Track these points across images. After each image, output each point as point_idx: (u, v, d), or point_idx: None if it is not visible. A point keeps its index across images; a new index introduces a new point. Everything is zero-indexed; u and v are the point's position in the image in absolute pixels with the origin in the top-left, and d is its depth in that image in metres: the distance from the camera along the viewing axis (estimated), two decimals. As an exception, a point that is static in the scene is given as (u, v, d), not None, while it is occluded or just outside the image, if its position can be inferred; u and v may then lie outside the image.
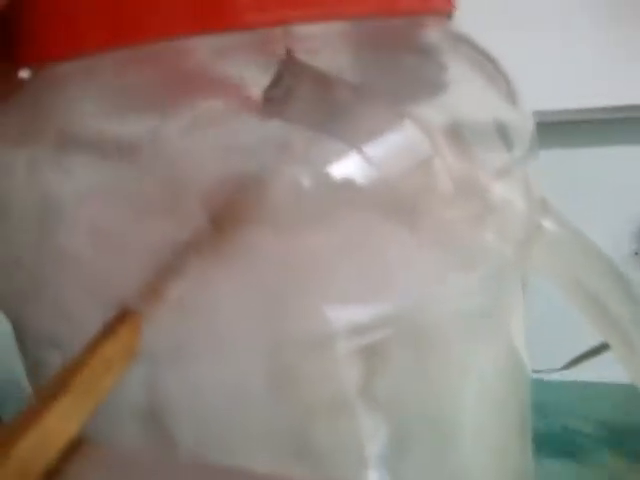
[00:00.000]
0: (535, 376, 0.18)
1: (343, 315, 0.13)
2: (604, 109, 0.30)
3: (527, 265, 0.16)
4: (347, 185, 0.13)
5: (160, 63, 0.14)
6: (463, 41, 0.16)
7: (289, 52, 0.14)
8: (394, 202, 0.14)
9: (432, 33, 0.16)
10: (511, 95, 0.16)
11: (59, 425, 0.10)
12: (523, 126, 0.16)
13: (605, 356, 0.20)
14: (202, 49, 0.14)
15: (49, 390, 0.10)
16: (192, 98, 0.14)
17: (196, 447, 0.13)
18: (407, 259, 0.14)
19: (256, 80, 0.14)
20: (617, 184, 0.33)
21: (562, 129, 0.31)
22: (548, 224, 0.15)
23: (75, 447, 0.10)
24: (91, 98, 0.14)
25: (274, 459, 0.13)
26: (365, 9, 0.13)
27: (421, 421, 0.15)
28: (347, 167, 0.13)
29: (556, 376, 0.28)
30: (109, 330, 0.12)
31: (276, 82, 0.14)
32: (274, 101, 0.14)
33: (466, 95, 0.15)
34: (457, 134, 0.15)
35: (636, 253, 0.34)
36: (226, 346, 0.13)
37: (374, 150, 0.13)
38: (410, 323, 0.14)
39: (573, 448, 0.29)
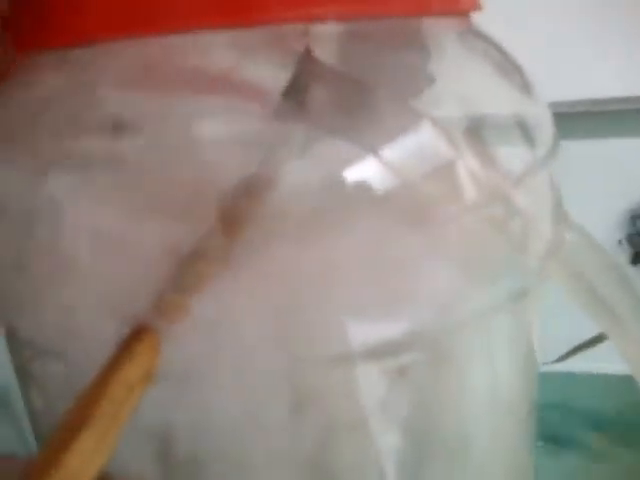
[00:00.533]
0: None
1: (364, 332, 0.13)
2: (594, 101, 0.30)
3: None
4: (364, 190, 0.13)
5: (170, 59, 0.13)
6: (480, 37, 0.15)
7: (308, 51, 0.13)
8: (415, 209, 0.13)
9: (450, 30, 0.15)
10: (528, 90, 0.15)
11: (83, 466, 0.09)
12: (544, 122, 0.15)
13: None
14: (218, 45, 0.13)
15: (69, 426, 0.10)
16: (208, 95, 0.13)
17: (211, 470, 0.12)
18: (430, 270, 0.13)
19: (274, 79, 0.13)
20: (605, 174, 0.33)
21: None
22: (570, 235, 0.15)
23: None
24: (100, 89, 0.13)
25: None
26: (397, 9, 0.13)
27: (439, 436, 0.14)
28: (364, 171, 0.13)
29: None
30: (126, 350, 0.11)
31: (294, 82, 0.13)
32: (291, 101, 0.13)
33: (484, 92, 0.15)
34: (477, 134, 0.14)
35: (620, 242, 0.34)
36: (243, 366, 0.12)
37: (392, 153, 0.13)
38: (432, 339, 0.13)
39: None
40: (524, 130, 0.15)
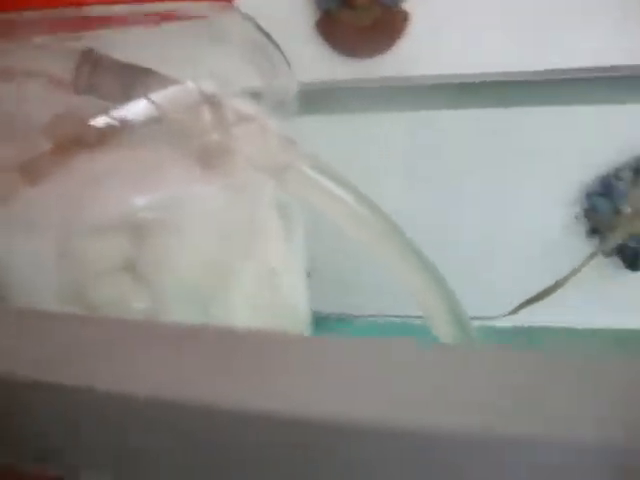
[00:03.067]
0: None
1: (119, 206, 0.20)
2: (558, 70, 0.32)
3: (285, 195, 0.21)
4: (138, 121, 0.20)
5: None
6: (249, 20, 0.21)
7: (89, 49, 0.21)
8: (172, 133, 0.21)
9: (223, 15, 0.21)
10: (277, 67, 0.21)
11: None
12: (279, 92, 0.21)
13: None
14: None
15: None
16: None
17: (13, 296, 0.20)
18: (170, 168, 0.20)
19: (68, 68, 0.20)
20: (561, 147, 0.35)
21: (510, 88, 0.34)
22: (299, 164, 0.21)
23: None
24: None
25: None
26: None
27: (181, 291, 0.21)
28: (138, 109, 0.20)
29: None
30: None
31: (81, 70, 0.21)
32: (83, 81, 0.21)
33: (235, 66, 0.21)
34: (218, 95, 0.21)
35: (576, 217, 0.36)
36: (38, 229, 0.20)
37: (158, 98, 0.20)
38: (168, 215, 0.20)
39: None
40: (257, 94, 0.21)
